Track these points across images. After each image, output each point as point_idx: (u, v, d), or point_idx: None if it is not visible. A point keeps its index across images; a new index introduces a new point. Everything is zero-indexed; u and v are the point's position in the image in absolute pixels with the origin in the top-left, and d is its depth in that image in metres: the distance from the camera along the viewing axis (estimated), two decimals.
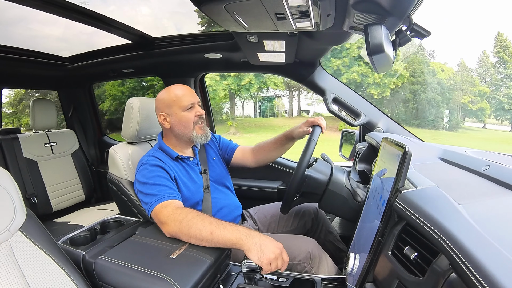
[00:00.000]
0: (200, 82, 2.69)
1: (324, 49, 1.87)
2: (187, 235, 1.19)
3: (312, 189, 1.48)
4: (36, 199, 2.63)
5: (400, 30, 1.10)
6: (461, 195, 0.77)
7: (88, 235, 1.39)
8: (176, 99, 1.54)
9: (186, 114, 1.55)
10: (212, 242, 1.16)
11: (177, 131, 1.57)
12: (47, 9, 1.57)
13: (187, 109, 1.55)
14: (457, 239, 0.55)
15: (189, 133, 1.58)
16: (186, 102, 1.55)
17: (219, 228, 1.16)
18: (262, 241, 1.11)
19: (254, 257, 1.08)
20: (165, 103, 1.56)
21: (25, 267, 0.83)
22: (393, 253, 0.79)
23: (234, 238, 1.13)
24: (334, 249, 1.71)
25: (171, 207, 1.28)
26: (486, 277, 0.45)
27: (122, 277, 1.04)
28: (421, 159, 1.24)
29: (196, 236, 1.17)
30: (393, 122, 2.01)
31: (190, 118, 1.56)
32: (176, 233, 1.21)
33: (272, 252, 1.09)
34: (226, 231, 1.15)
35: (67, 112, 3.26)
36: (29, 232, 0.90)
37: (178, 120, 1.55)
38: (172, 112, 1.55)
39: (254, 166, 1.89)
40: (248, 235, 1.13)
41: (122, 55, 2.38)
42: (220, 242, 1.15)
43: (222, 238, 1.14)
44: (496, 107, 23.52)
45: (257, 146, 1.88)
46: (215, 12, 1.15)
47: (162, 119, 1.57)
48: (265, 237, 1.14)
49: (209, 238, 1.15)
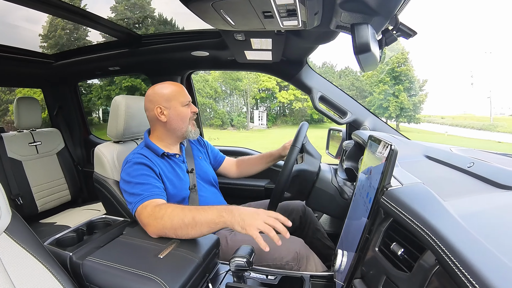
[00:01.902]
0: (187, 80, 2.68)
1: (311, 48, 1.88)
2: (171, 228, 1.19)
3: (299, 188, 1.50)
4: (21, 200, 2.59)
5: (386, 29, 1.11)
6: (447, 191, 0.79)
7: (75, 236, 1.37)
8: (177, 93, 1.57)
9: (184, 110, 1.58)
10: (197, 227, 1.16)
11: (173, 125, 1.58)
12: (31, 5, 1.55)
13: (185, 104, 1.58)
14: (443, 235, 0.56)
15: (184, 127, 1.60)
16: (185, 98, 1.59)
17: (199, 212, 1.17)
18: (241, 211, 1.12)
19: (238, 228, 1.09)
20: (164, 96, 1.56)
21: (11, 270, 0.82)
22: (380, 249, 0.80)
23: (216, 217, 1.14)
24: (322, 247, 1.72)
25: (150, 207, 1.27)
26: (471, 272, 0.46)
27: (110, 278, 1.03)
28: (407, 156, 1.25)
29: (180, 225, 1.17)
30: (379, 121, 2.04)
31: (187, 114, 1.60)
32: (161, 230, 1.21)
33: (252, 217, 1.09)
34: (206, 213, 1.16)
35: (52, 111, 3.21)
36: (14, 233, 0.88)
37: (176, 114, 1.57)
38: (171, 106, 1.56)
39: (235, 177, 2.05)
40: (227, 210, 1.14)
41: (108, 53, 2.35)
42: (204, 225, 1.15)
43: (205, 219, 1.15)
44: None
45: (240, 160, 2.06)
46: (202, 10, 1.15)
47: (158, 112, 1.56)
48: (244, 208, 1.15)
49: (192, 223, 1.16)
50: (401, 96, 29.48)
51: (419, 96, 30.53)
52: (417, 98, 30.32)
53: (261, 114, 33.17)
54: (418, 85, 30.85)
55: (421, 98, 30.53)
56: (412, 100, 30.00)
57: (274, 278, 1.22)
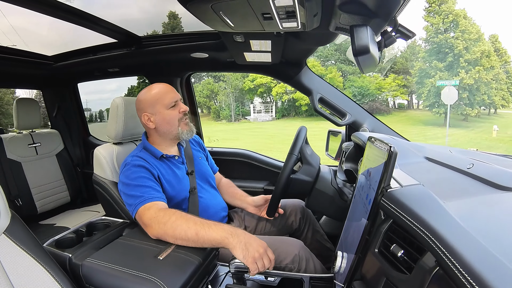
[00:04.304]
0: (186, 82, 2.68)
1: (310, 49, 1.88)
2: (172, 236, 1.19)
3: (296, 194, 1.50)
4: (21, 201, 2.58)
5: (385, 31, 1.11)
6: (446, 193, 0.79)
7: (74, 237, 1.37)
8: (159, 97, 1.54)
9: (170, 112, 1.55)
10: (198, 243, 1.16)
11: (162, 129, 1.57)
12: (30, 6, 1.54)
13: (170, 107, 1.55)
14: (442, 237, 0.56)
15: (174, 130, 1.57)
16: (169, 99, 1.55)
17: (204, 228, 1.16)
18: (246, 240, 1.12)
19: (240, 255, 1.09)
20: (147, 103, 1.55)
21: (10, 271, 0.82)
22: (380, 251, 0.79)
23: (220, 237, 1.14)
24: (322, 248, 1.72)
25: (154, 209, 1.27)
26: (471, 273, 0.46)
27: (110, 279, 1.03)
28: (407, 158, 1.25)
29: (181, 237, 1.17)
30: (379, 122, 2.04)
31: (174, 116, 1.56)
32: (162, 235, 1.21)
33: (256, 250, 1.10)
34: (211, 231, 1.15)
35: (52, 112, 3.21)
36: (14, 235, 0.88)
37: (162, 119, 1.55)
38: (156, 111, 1.54)
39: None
40: (233, 234, 1.14)
41: (108, 54, 2.35)
42: (206, 242, 1.16)
43: (208, 238, 1.15)
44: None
45: (226, 183, 1.98)
46: (201, 12, 1.15)
47: (146, 120, 1.55)
48: (250, 236, 1.15)
49: (195, 238, 1.16)
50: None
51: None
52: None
53: (255, 107, 34.72)
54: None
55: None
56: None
57: (274, 279, 1.22)
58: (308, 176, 1.52)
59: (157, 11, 9.90)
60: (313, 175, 1.51)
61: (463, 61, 26.16)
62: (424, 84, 28.08)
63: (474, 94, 26.38)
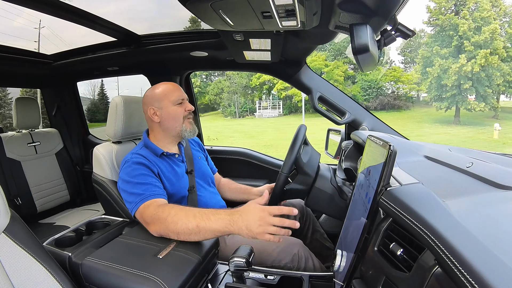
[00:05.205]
0: (186, 80, 2.68)
1: (309, 48, 1.88)
2: (174, 232, 1.18)
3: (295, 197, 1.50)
4: (20, 200, 2.58)
5: (385, 30, 1.11)
6: (446, 192, 0.79)
7: (74, 236, 1.37)
8: (167, 93, 1.57)
9: (176, 108, 1.58)
10: (200, 235, 1.16)
11: (167, 124, 1.58)
12: (29, 4, 1.54)
13: (177, 103, 1.58)
14: (442, 235, 0.56)
15: (178, 126, 1.59)
16: (176, 96, 1.58)
17: (203, 220, 1.15)
18: (246, 223, 1.10)
19: (247, 236, 1.09)
20: (155, 97, 1.57)
21: (10, 270, 0.82)
22: (379, 249, 0.80)
23: (221, 228, 1.13)
24: (321, 247, 1.72)
25: (154, 206, 1.28)
26: (471, 272, 0.46)
27: (109, 278, 1.03)
28: (406, 156, 1.26)
29: (183, 231, 1.17)
30: (378, 121, 2.03)
31: (180, 112, 1.58)
32: (164, 231, 1.21)
33: (258, 225, 1.07)
34: (211, 223, 1.14)
35: (51, 111, 3.20)
36: (13, 234, 0.88)
37: (168, 114, 1.57)
38: (162, 106, 1.56)
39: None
40: (233, 222, 1.12)
41: (107, 53, 2.35)
42: (208, 233, 1.16)
43: (209, 229, 1.14)
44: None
45: (227, 182, 2.01)
46: (201, 10, 1.14)
47: (151, 113, 1.57)
48: (246, 216, 1.12)
49: (196, 231, 1.15)
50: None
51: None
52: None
53: (261, 103, 34.85)
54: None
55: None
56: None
57: (273, 278, 1.22)
58: (303, 185, 1.51)
59: (158, 10, 9.70)
60: (309, 183, 1.50)
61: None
62: (427, 74, 25.97)
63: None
